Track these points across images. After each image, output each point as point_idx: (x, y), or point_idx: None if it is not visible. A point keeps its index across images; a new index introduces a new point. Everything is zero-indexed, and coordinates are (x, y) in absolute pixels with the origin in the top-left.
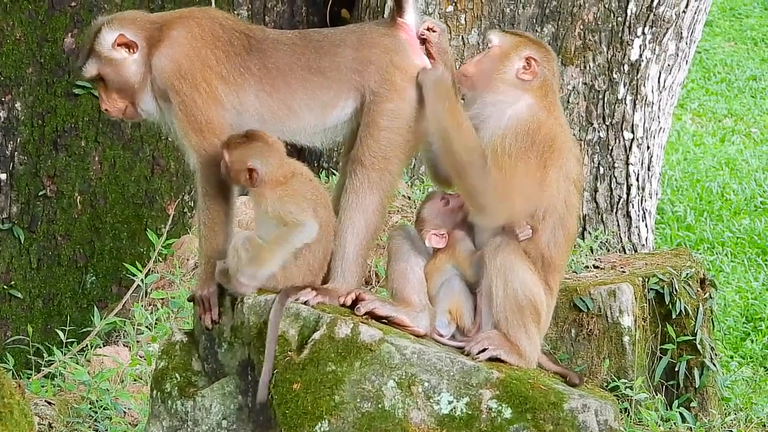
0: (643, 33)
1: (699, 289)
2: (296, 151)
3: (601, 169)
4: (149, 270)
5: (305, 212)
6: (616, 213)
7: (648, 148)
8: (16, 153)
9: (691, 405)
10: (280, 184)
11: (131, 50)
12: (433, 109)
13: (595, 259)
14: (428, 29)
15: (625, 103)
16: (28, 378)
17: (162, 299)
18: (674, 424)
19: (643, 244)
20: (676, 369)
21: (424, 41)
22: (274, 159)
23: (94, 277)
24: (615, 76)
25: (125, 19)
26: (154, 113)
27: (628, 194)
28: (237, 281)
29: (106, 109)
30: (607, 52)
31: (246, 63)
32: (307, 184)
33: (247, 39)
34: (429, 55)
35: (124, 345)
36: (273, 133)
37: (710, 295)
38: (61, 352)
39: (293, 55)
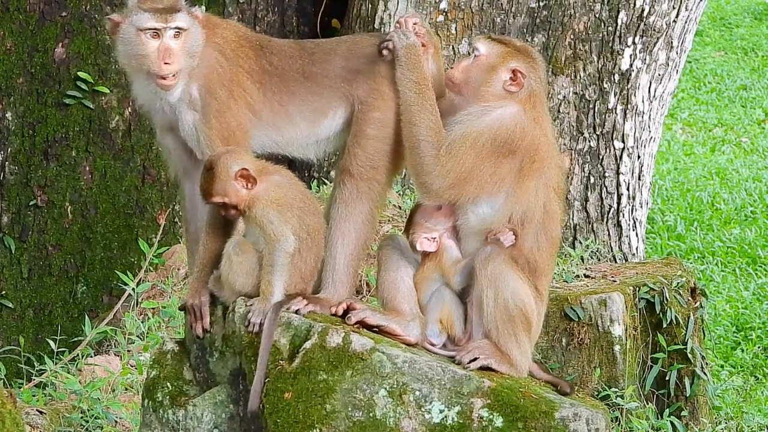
0: (634, 42)
1: (689, 298)
2: (287, 162)
3: (592, 178)
4: (140, 279)
5: (286, 224)
6: (606, 222)
7: (638, 157)
8: (6, 163)
9: (681, 414)
10: (270, 184)
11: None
12: (401, 76)
13: (586, 269)
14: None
15: (616, 113)
16: (20, 387)
17: (153, 309)
18: None
19: (634, 254)
20: (667, 378)
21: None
22: (246, 155)
23: (85, 287)
24: (605, 85)
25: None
26: (173, 104)
27: (618, 204)
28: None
29: (167, 63)
30: (598, 62)
31: (261, 61)
32: (295, 189)
33: (257, 41)
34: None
35: (115, 354)
36: (269, 143)
37: (701, 304)
38: (53, 361)
39: (290, 59)
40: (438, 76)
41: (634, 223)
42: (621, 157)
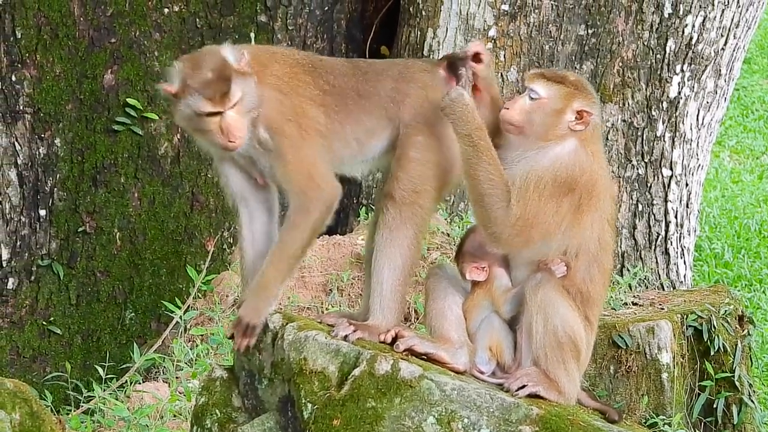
0: (682, 70)
1: (737, 326)
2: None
3: (640, 206)
4: (188, 306)
5: None
6: (654, 250)
7: (686, 185)
8: (55, 189)
9: None
10: None
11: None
12: (454, 130)
13: (634, 296)
14: (476, 58)
15: (664, 140)
16: (68, 414)
17: (201, 335)
18: None
19: (682, 281)
20: (715, 406)
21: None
22: None
23: (133, 314)
24: (654, 113)
25: (233, 45)
26: (245, 147)
27: (666, 231)
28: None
29: (232, 142)
30: (646, 90)
31: (318, 81)
32: None
33: (310, 63)
34: (474, 87)
35: (163, 381)
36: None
37: (748, 332)
38: (101, 387)
39: (344, 77)
40: (492, 122)
41: (682, 250)
42: (669, 185)
